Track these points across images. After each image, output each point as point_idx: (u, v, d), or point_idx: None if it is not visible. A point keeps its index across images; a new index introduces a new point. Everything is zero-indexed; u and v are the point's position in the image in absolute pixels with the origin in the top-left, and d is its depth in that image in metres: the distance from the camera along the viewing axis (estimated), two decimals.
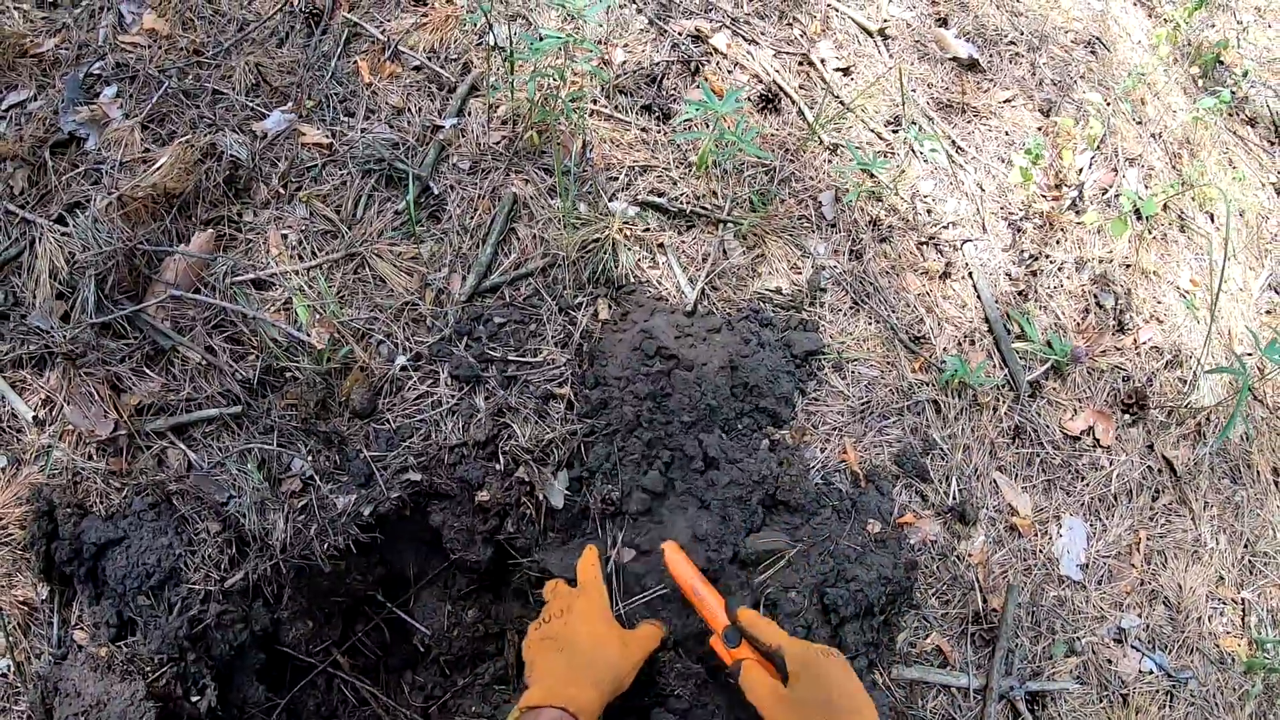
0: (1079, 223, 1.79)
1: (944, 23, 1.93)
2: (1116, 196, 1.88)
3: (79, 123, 1.69)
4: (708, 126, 1.53)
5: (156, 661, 1.35)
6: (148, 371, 1.46)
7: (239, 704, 1.39)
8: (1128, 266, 1.85)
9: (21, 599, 1.50)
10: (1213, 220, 2.18)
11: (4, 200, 1.66)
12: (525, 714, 0.99)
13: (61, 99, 1.72)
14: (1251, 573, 1.88)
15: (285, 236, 1.49)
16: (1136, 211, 1.91)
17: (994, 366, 1.61)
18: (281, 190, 1.53)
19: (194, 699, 1.36)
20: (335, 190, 1.51)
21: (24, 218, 1.61)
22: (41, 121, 1.69)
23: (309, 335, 1.38)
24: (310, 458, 1.35)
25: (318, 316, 1.39)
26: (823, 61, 1.74)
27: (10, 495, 1.53)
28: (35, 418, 1.52)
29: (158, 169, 1.55)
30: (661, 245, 1.46)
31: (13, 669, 1.49)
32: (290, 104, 1.63)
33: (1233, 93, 2.49)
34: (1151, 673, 1.71)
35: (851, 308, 1.52)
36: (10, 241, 1.60)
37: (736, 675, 1.10)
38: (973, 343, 1.60)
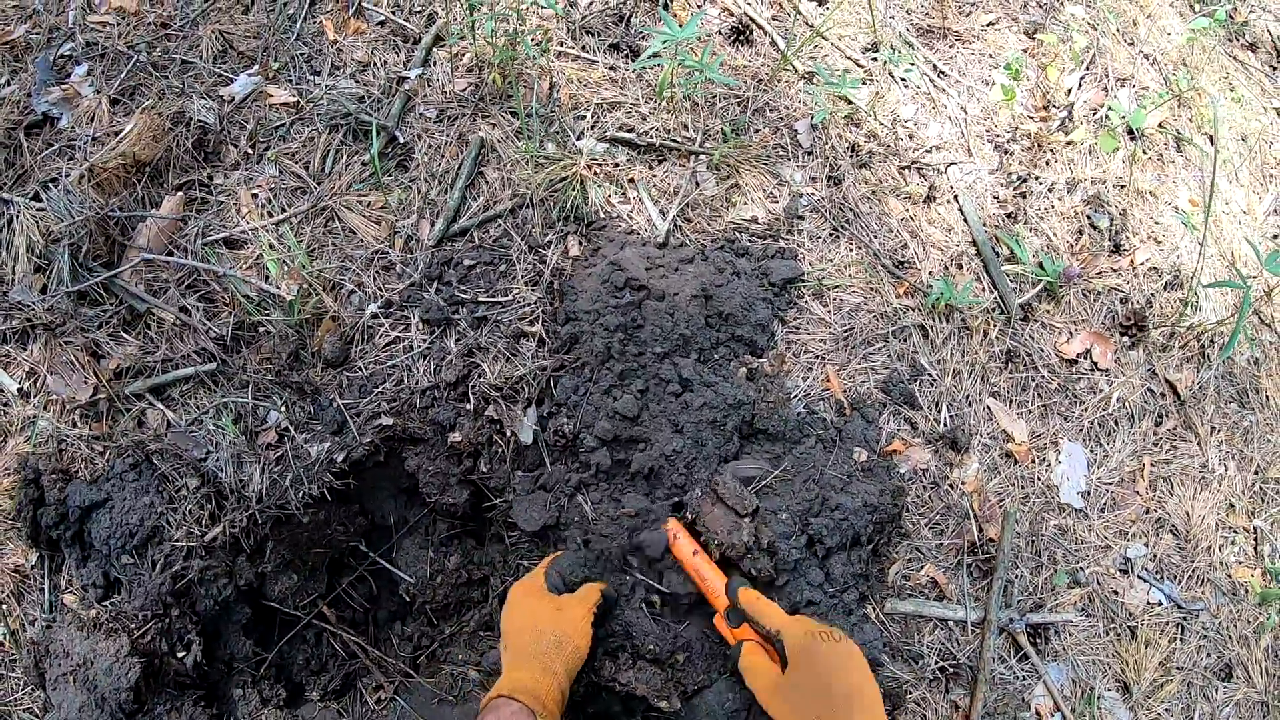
0: (1069, 142, 1.70)
1: None
2: (1107, 116, 1.78)
3: (51, 103, 1.66)
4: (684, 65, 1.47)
5: (140, 618, 1.33)
6: (125, 336, 1.44)
7: (226, 659, 1.37)
8: (1122, 187, 1.75)
9: (13, 567, 1.49)
10: (1212, 143, 2.06)
11: None
12: (482, 712, 0.96)
13: (34, 82, 1.70)
14: (1263, 500, 1.77)
15: (255, 195, 1.46)
16: (1130, 131, 1.81)
17: (983, 289, 1.52)
18: (250, 151, 1.49)
19: (179, 654, 1.34)
20: (303, 147, 1.47)
21: (1, 198, 1.59)
22: (15, 105, 1.67)
23: (279, 288, 1.34)
24: (285, 409, 1.31)
25: (287, 269, 1.35)
26: None
27: None
28: (20, 390, 1.51)
29: (126, 138, 1.52)
30: (632, 180, 1.40)
31: (7, 637, 1.48)
32: (256, 67, 1.59)
33: (1230, 15, 2.35)
34: (1160, 604, 1.62)
35: (831, 234, 1.45)
36: None
37: (737, 657, 1.04)
38: (960, 266, 1.52)
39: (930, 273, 1.49)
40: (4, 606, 1.44)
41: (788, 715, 0.98)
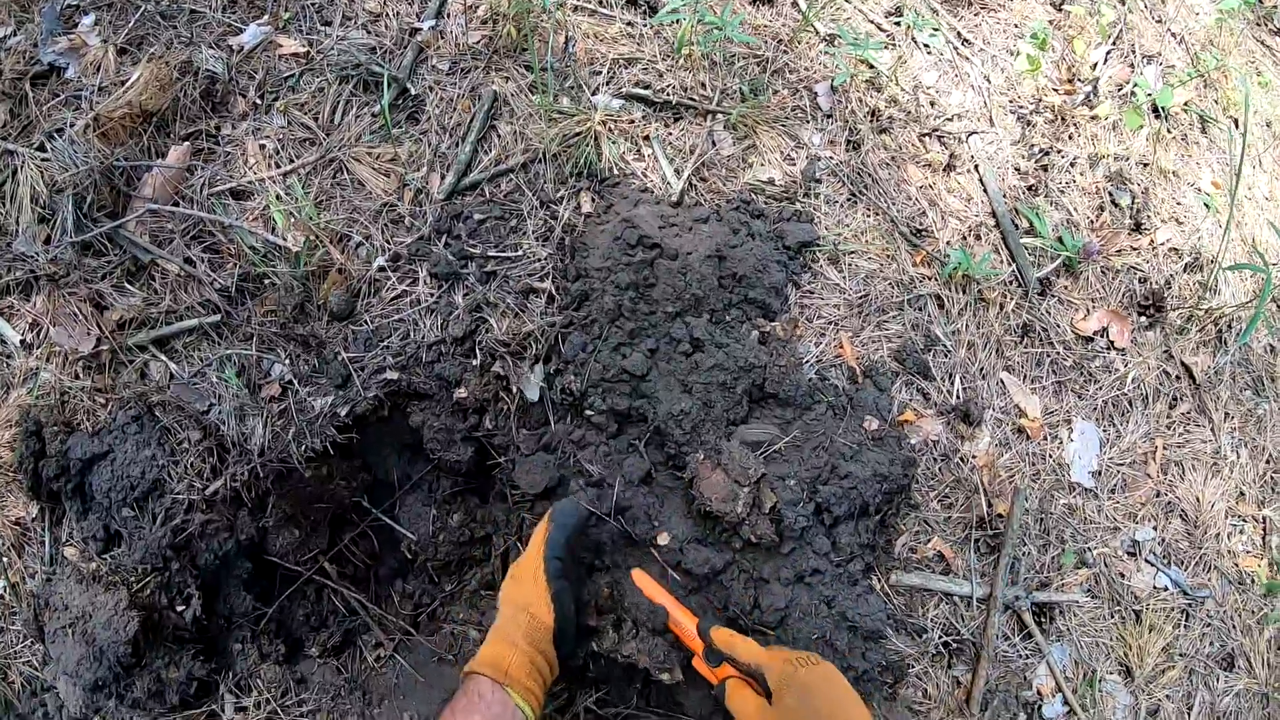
0: (1093, 117, 1.63)
1: None
2: (1132, 93, 1.71)
3: (58, 53, 1.61)
4: (703, 22, 1.41)
5: (140, 572, 1.30)
6: (128, 287, 1.39)
7: (226, 614, 1.34)
8: (1145, 165, 1.69)
9: (14, 519, 1.46)
10: (1236, 125, 1.99)
11: None
12: (465, 678, 0.96)
13: (40, 32, 1.64)
14: (1274, 490, 1.72)
15: (263, 146, 1.40)
16: (1154, 109, 1.74)
17: (1000, 261, 1.47)
18: (259, 101, 1.44)
19: (179, 608, 1.31)
20: (313, 98, 1.41)
21: (6, 149, 1.54)
22: (21, 55, 1.61)
23: (286, 239, 1.29)
24: (289, 362, 1.27)
25: (294, 220, 1.30)
26: None
27: (0, 419, 1.49)
28: (23, 342, 1.47)
29: (132, 87, 1.47)
30: (647, 137, 1.34)
31: (7, 589, 1.45)
32: (266, 17, 1.54)
33: None
34: (1166, 589, 1.57)
35: (849, 199, 1.39)
36: None
37: (723, 696, 1.01)
38: (978, 237, 1.46)
39: (948, 242, 1.44)
40: (4, 559, 1.41)
41: None
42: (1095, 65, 1.70)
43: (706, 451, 1.14)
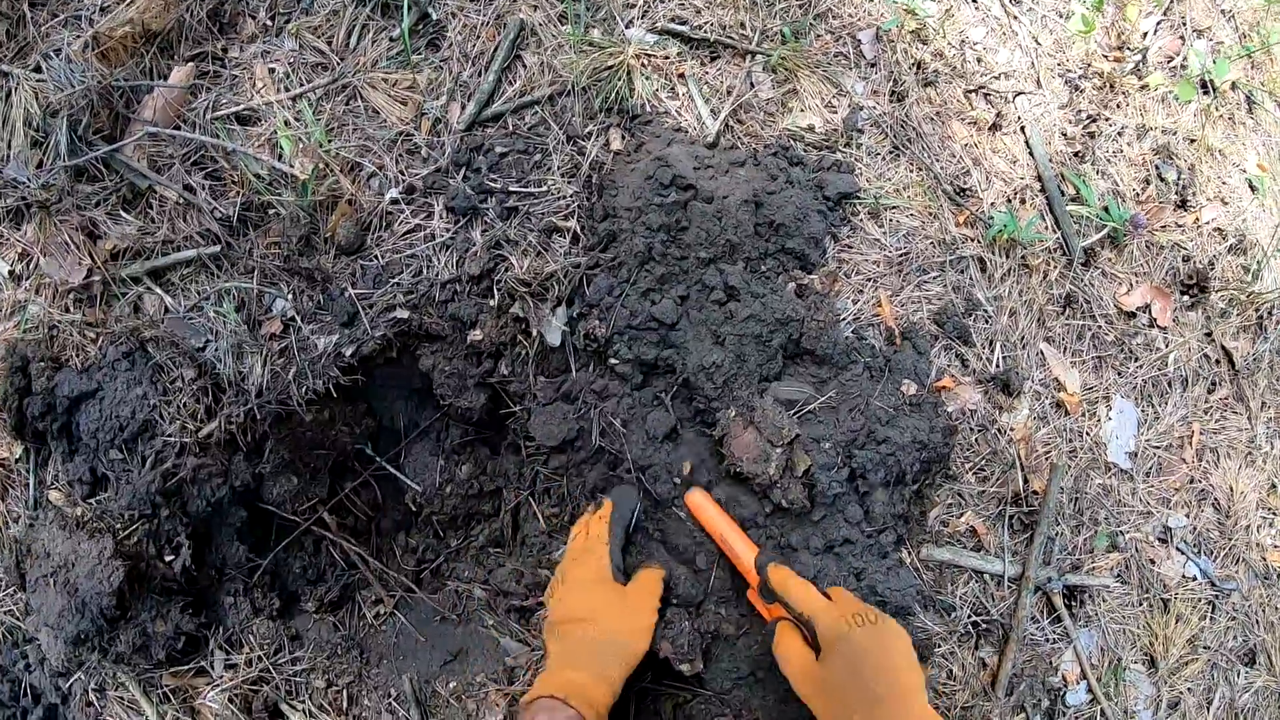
0: (1143, 86, 1.55)
1: None
2: (1183, 66, 1.63)
3: None
4: None
5: (127, 518, 1.21)
6: (124, 215, 1.30)
7: (218, 564, 1.25)
8: (1192, 141, 1.61)
9: None
10: None
11: None
12: (528, 710, 0.85)
13: None
14: None
15: (272, 70, 1.31)
16: (1204, 84, 1.66)
17: (1045, 227, 1.39)
18: (269, 23, 1.34)
19: (167, 558, 1.22)
20: (326, 21, 1.32)
21: (1, 70, 1.44)
22: None
23: (292, 167, 1.20)
24: (292, 297, 1.18)
25: (302, 146, 1.21)
26: None
27: None
28: (11, 273, 1.37)
29: (134, 4, 1.37)
30: (682, 75, 1.25)
31: None
32: None
33: None
34: (1195, 579, 1.51)
35: (891, 152, 1.31)
36: None
37: (772, 638, 0.94)
38: (1023, 201, 1.39)
39: (992, 204, 1.36)
40: None
41: (820, 705, 0.87)
42: (1146, 35, 1.62)
43: (739, 408, 1.06)
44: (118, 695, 1.26)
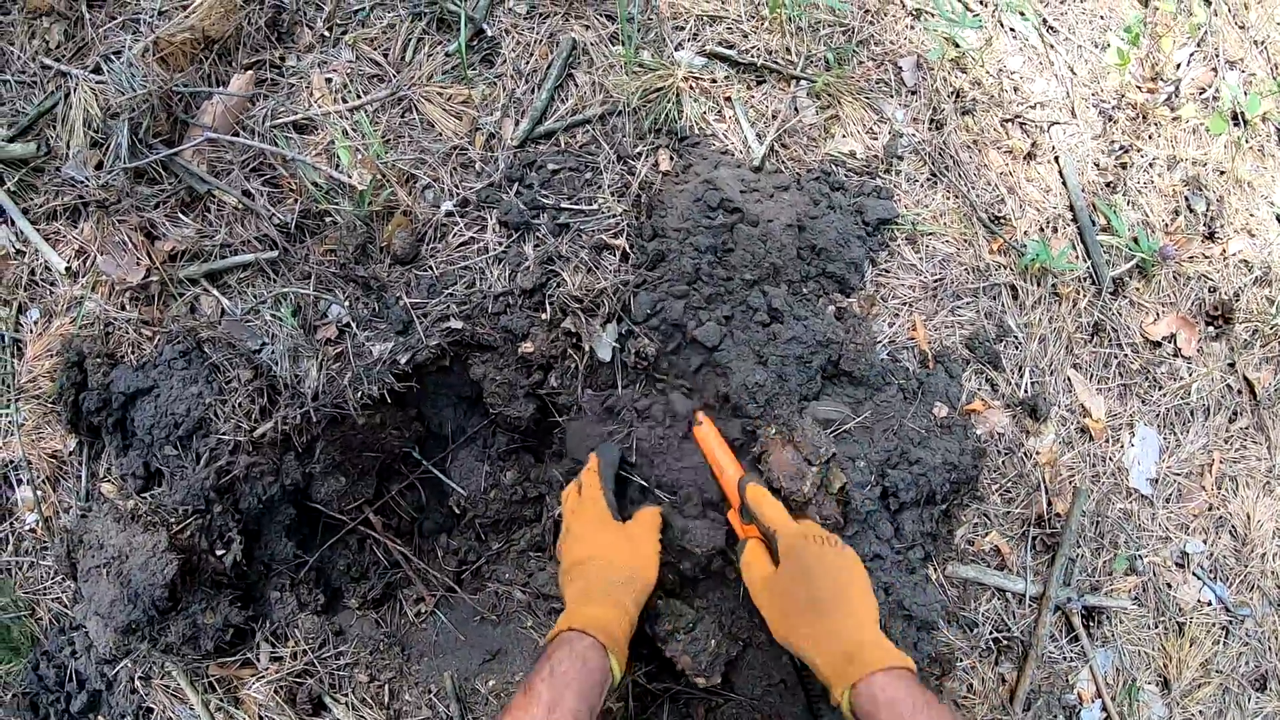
0: (1174, 118, 1.60)
1: None
2: (1215, 98, 1.68)
3: None
4: None
5: (181, 513, 1.27)
6: (182, 217, 1.35)
7: (266, 560, 1.31)
8: (1221, 173, 1.66)
9: (50, 452, 1.43)
10: None
11: (40, 55, 1.55)
12: (550, 645, 0.91)
13: None
14: None
15: (329, 80, 1.36)
16: (1235, 116, 1.71)
17: (1076, 256, 1.44)
18: (326, 34, 1.39)
19: (219, 552, 1.28)
20: (383, 33, 1.37)
21: (60, 70, 1.49)
22: None
23: (350, 177, 1.26)
24: (347, 304, 1.23)
25: (360, 157, 1.26)
26: None
27: (41, 348, 1.45)
28: (68, 269, 1.43)
29: (195, 11, 1.42)
30: (729, 98, 1.31)
31: (40, 524, 1.42)
32: None
33: None
34: (1210, 604, 1.56)
35: (929, 179, 1.36)
36: (46, 95, 1.49)
37: (740, 553, 1.01)
38: (1055, 230, 1.44)
39: (1025, 232, 1.41)
40: (39, 492, 1.38)
41: (771, 611, 0.95)
42: (1179, 66, 1.67)
43: (778, 426, 1.12)
44: (163, 684, 1.32)
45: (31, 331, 1.44)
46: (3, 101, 1.50)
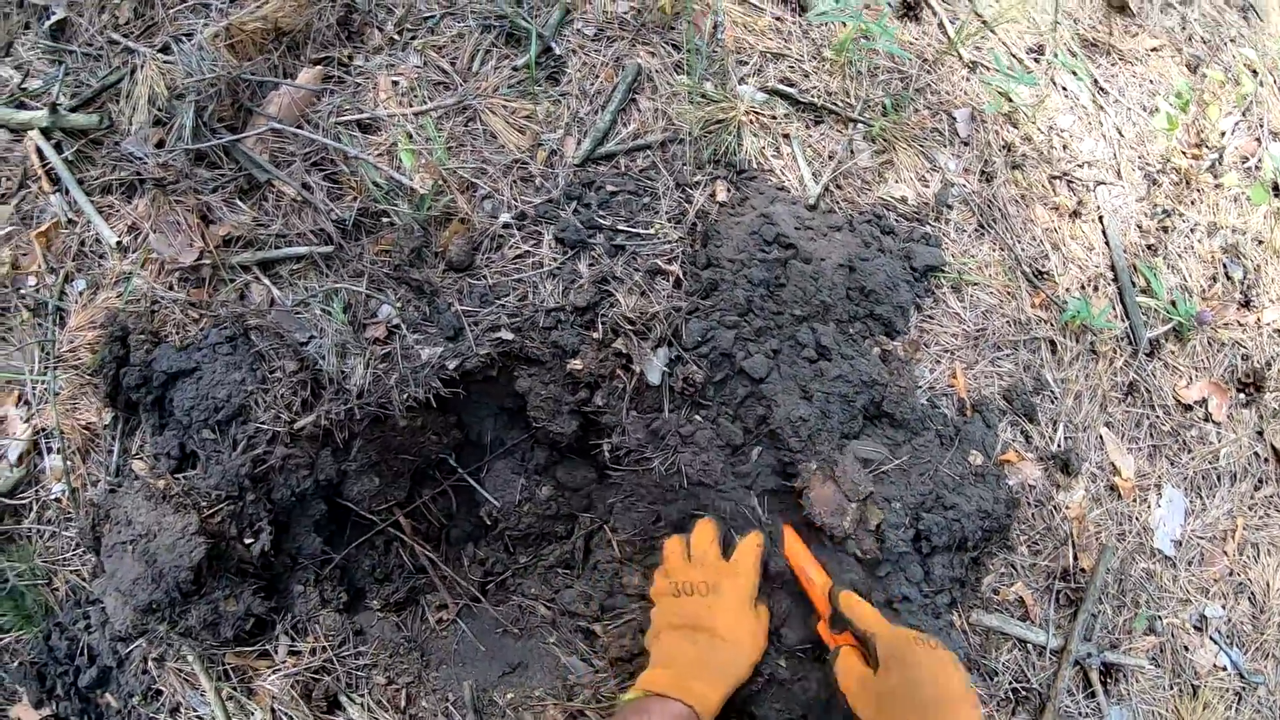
0: (1217, 185, 1.64)
1: None
2: (1257, 168, 1.73)
3: None
4: (845, 24, 1.41)
5: (214, 498, 1.29)
6: (239, 204, 1.39)
7: (293, 553, 1.33)
8: (1260, 243, 1.70)
9: (84, 423, 1.45)
10: None
11: (108, 29, 1.59)
12: (646, 699, 0.92)
13: None
14: None
15: (396, 83, 1.40)
16: (1275, 187, 1.75)
17: (1115, 315, 1.48)
18: (395, 37, 1.44)
19: (247, 541, 1.30)
20: (452, 42, 1.41)
21: (127, 46, 1.54)
22: None
23: (412, 180, 1.29)
24: (399, 305, 1.26)
25: (423, 162, 1.30)
26: None
27: (85, 318, 1.48)
28: (119, 243, 1.46)
29: (268, 2, 1.47)
30: (787, 136, 1.35)
31: (67, 494, 1.44)
32: None
33: None
34: (1225, 669, 1.59)
35: (976, 230, 1.40)
36: (111, 69, 1.53)
37: (833, 661, 1.02)
38: (1096, 289, 1.48)
39: (1067, 289, 1.45)
40: (69, 462, 1.40)
41: (872, 712, 0.95)
42: (1224, 134, 1.72)
43: (820, 463, 1.14)
44: (176, 667, 1.33)
45: (76, 302, 1.46)
46: (68, 71, 1.54)
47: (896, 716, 0.92)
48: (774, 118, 1.36)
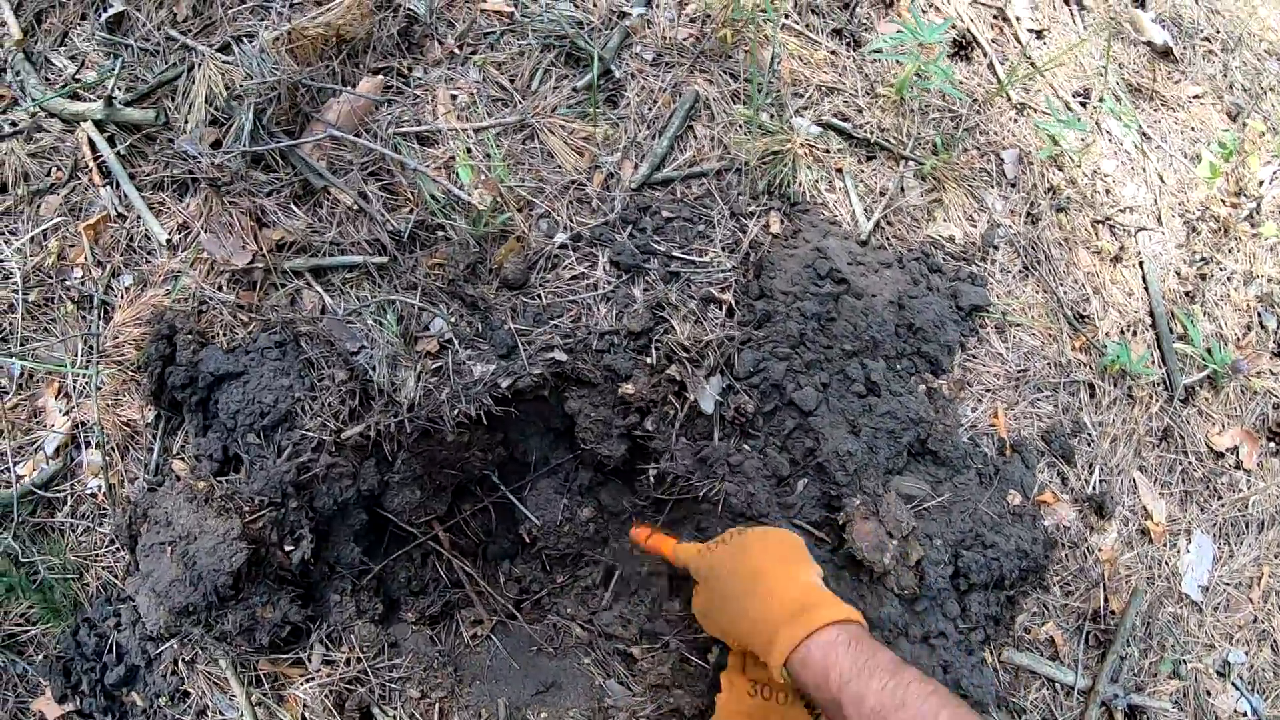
0: (1255, 234, 1.67)
1: (1142, 4, 1.81)
2: None
3: None
4: (900, 63, 1.44)
5: (257, 503, 1.30)
6: (294, 209, 1.40)
7: (331, 562, 1.34)
8: None
9: (125, 420, 1.46)
10: None
11: (165, 25, 1.61)
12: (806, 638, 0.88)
13: None
14: None
15: (455, 97, 1.42)
16: None
17: (1152, 361, 1.50)
18: (456, 51, 1.46)
19: (288, 548, 1.31)
20: (512, 59, 1.43)
21: (185, 43, 1.55)
22: None
23: (470, 195, 1.31)
24: (452, 320, 1.28)
25: (482, 178, 1.32)
26: (1017, 19, 1.63)
27: (131, 314, 1.49)
28: (169, 241, 1.47)
29: (333, 9, 1.49)
30: (840, 170, 1.37)
31: (104, 490, 1.45)
32: None
33: None
34: (1245, 716, 1.61)
35: (1021, 271, 1.43)
36: (168, 65, 1.55)
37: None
38: (1135, 334, 1.50)
39: (1106, 333, 1.47)
40: (107, 458, 1.41)
41: (713, 630, 1.00)
42: (1262, 183, 1.75)
43: (863, 498, 1.16)
44: (207, 670, 1.34)
45: (122, 297, 1.48)
46: (124, 65, 1.55)
47: (719, 624, 0.96)
48: (828, 151, 1.38)
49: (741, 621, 0.92)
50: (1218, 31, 1.86)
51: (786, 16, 1.49)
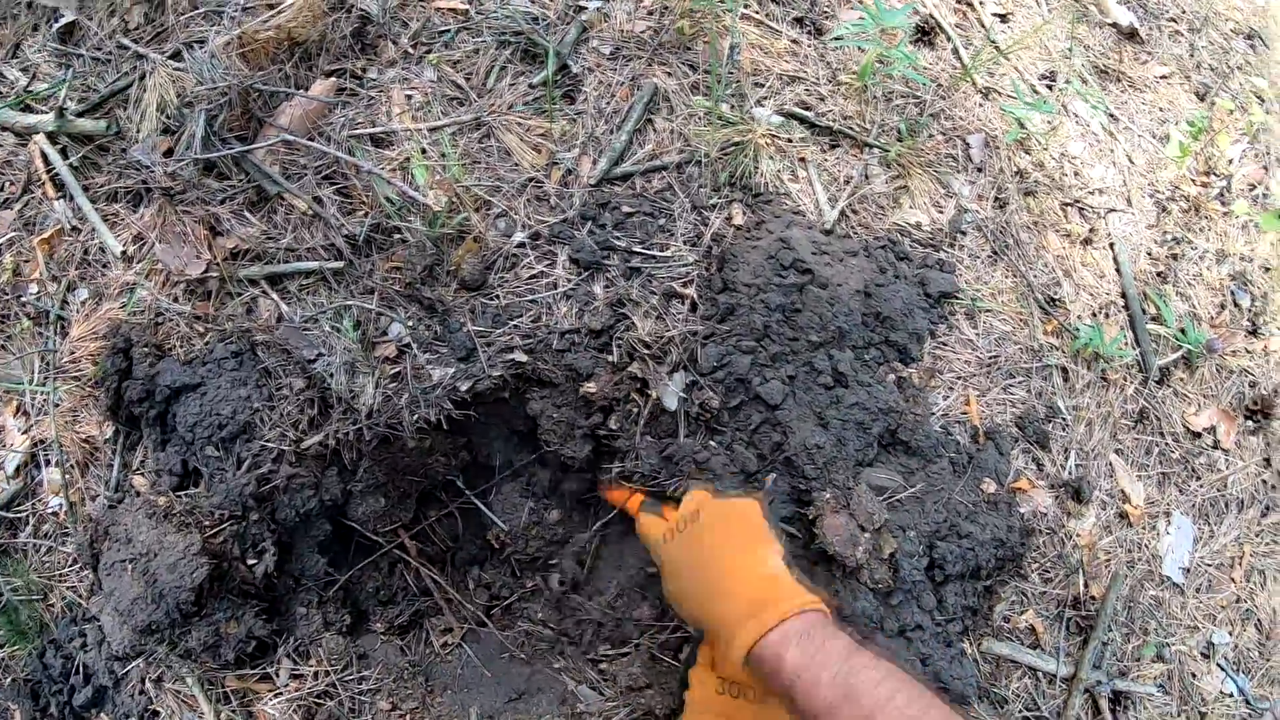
0: (1225, 213, 1.67)
1: None
2: (1265, 195, 1.75)
3: None
4: (863, 49, 1.42)
5: (217, 517, 1.27)
6: (249, 216, 1.38)
7: (296, 574, 1.31)
8: (1267, 270, 1.72)
9: (84, 437, 1.43)
10: None
11: (118, 34, 1.58)
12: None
13: None
14: None
15: (410, 97, 1.40)
16: None
17: (1126, 343, 1.49)
18: (410, 50, 1.44)
19: (251, 561, 1.28)
20: (467, 57, 1.41)
21: (137, 51, 1.53)
22: None
23: (425, 196, 1.29)
24: (410, 324, 1.26)
25: (437, 178, 1.29)
26: (981, 3, 1.62)
27: (87, 329, 1.46)
28: (124, 253, 1.45)
29: (284, 11, 1.46)
30: (804, 159, 1.35)
31: (65, 508, 1.42)
32: None
33: None
34: (1232, 696, 1.60)
35: (990, 256, 1.41)
36: (120, 74, 1.52)
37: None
38: (1107, 316, 1.49)
39: (1079, 316, 1.46)
40: (68, 476, 1.38)
41: (683, 617, 1.00)
42: (1231, 162, 1.74)
43: (833, 492, 1.14)
44: (174, 688, 1.31)
45: (78, 311, 1.45)
46: (76, 75, 1.52)
47: (688, 609, 0.95)
48: (790, 141, 1.37)
49: (704, 620, 0.92)
50: (1184, 11, 1.86)
51: (746, 5, 1.48)
